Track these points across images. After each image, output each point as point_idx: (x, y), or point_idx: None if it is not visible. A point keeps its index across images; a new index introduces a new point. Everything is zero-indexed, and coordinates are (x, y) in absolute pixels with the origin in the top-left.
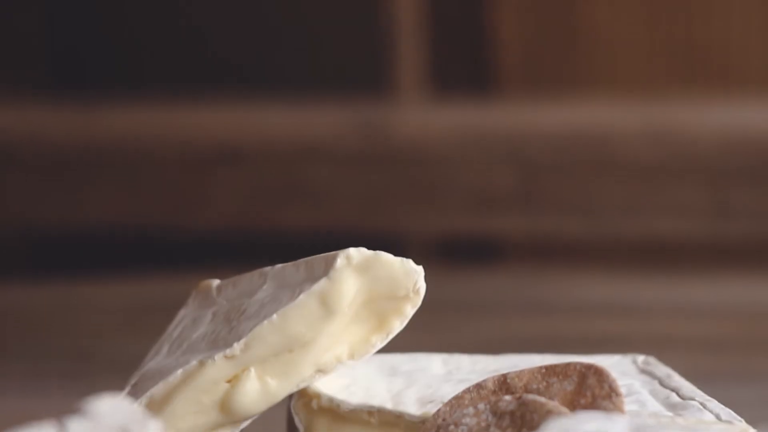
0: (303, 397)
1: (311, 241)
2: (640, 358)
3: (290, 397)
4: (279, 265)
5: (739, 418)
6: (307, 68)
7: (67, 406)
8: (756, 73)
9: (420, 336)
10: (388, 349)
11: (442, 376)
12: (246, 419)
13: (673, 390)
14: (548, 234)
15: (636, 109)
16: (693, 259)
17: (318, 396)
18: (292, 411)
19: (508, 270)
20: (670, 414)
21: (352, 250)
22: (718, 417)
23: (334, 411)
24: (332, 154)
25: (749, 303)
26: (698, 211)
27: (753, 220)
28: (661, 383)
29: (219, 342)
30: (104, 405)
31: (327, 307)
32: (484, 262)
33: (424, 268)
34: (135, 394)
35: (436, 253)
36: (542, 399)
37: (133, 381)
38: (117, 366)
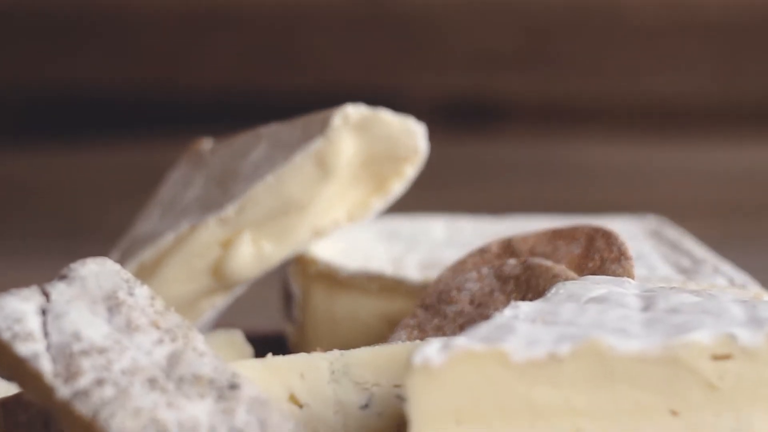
0: (299, 263)
1: (308, 103)
2: (651, 220)
3: (286, 264)
4: (274, 125)
5: (752, 281)
6: None
7: (52, 271)
8: None
9: (421, 199)
10: (388, 212)
11: (444, 240)
12: (239, 285)
13: (684, 254)
14: (555, 96)
15: None
16: (704, 122)
17: (315, 262)
18: (289, 278)
19: (513, 133)
20: (682, 278)
21: (349, 108)
22: (731, 281)
23: (331, 277)
24: (332, 14)
25: (762, 166)
26: (709, 73)
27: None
28: (672, 247)
29: (212, 205)
30: (90, 270)
31: (323, 167)
32: (489, 124)
33: (425, 130)
34: (124, 259)
35: (438, 116)
36: (548, 262)
37: (122, 246)
38: (105, 230)
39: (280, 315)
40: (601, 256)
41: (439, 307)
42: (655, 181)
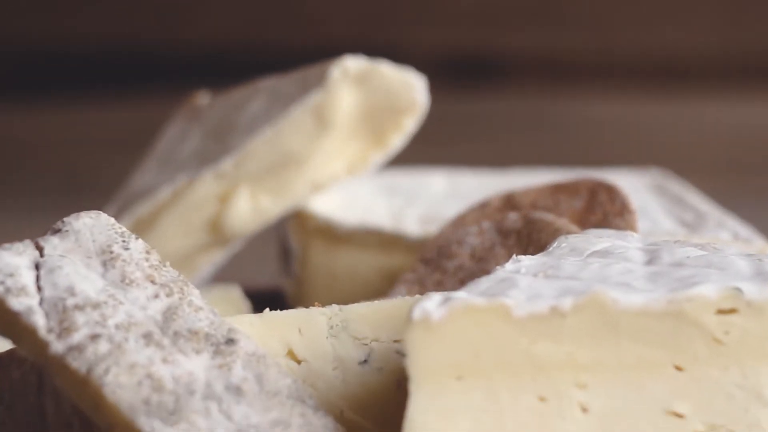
0: (298, 218)
1: (307, 58)
2: (654, 174)
3: (284, 219)
4: (272, 78)
5: (758, 235)
6: None
7: (47, 226)
8: None
9: (422, 155)
10: (387, 166)
11: (444, 194)
12: (236, 239)
13: (688, 208)
14: (556, 51)
15: None
16: (708, 76)
17: (314, 217)
18: (287, 233)
19: (515, 88)
20: (685, 232)
21: (348, 60)
22: (736, 235)
23: (330, 232)
24: None
25: (766, 121)
26: (713, 27)
27: None
28: (676, 201)
29: (209, 159)
30: (84, 224)
31: (322, 120)
32: (490, 80)
33: (425, 83)
34: (120, 214)
35: (440, 72)
36: (550, 216)
37: (117, 201)
38: (101, 185)
39: (278, 271)
40: (603, 210)
41: (439, 261)
42: (658, 135)
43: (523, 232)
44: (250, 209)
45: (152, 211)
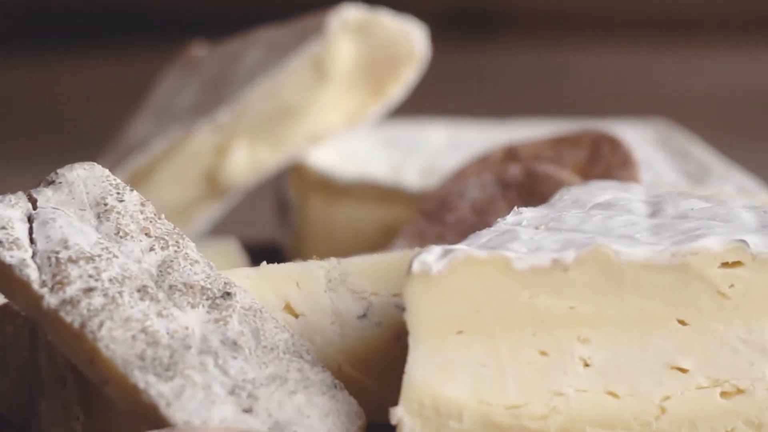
0: (297, 172)
1: (305, 6)
2: (658, 125)
3: (282, 173)
4: (269, 28)
5: (763, 188)
6: None
7: (39, 177)
8: None
9: (421, 106)
10: (387, 119)
11: (445, 147)
12: (233, 193)
13: (692, 160)
14: (558, 3)
15: None
16: (714, 28)
17: (312, 171)
18: (285, 187)
19: (517, 40)
20: (690, 185)
21: (347, 9)
22: (740, 188)
23: (329, 186)
24: None
25: None
26: None
27: None
28: (680, 153)
29: (206, 110)
30: (77, 175)
31: (320, 71)
32: (492, 32)
33: (426, 32)
34: (115, 166)
35: (440, 24)
36: (552, 169)
37: (112, 152)
38: (95, 136)
39: (276, 225)
40: (606, 162)
41: (439, 214)
42: (662, 87)
43: (524, 184)
44: (248, 161)
45: (148, 163)
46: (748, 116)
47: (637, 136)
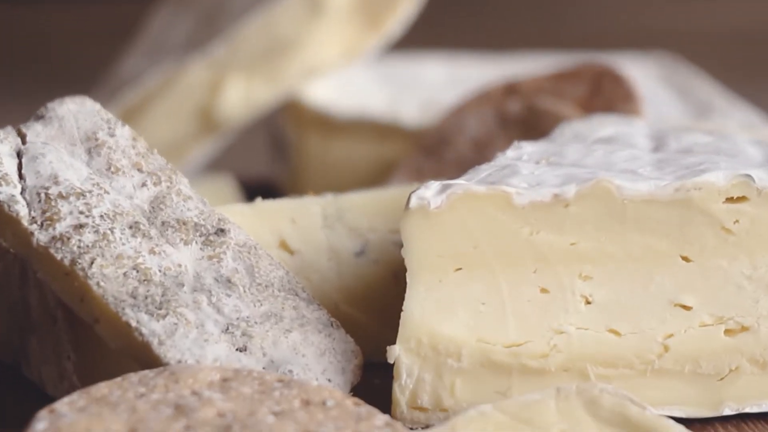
0: (292, 109)
1: None
2: (663, 60)
3: (278, 110)
4: None
5: (765, 123)
6: None
7: (29, 111)
8: None
9: (420, 39)
10: (385, 54)
11: (443, 82)
12: (228, 128)
13: (696, 95)
14: None
15: None
16: None
17: (309, 107)
18: (281, 124)
19: None
20: (693, 119)
21: None
22: (745, 122)
23: (325, 122)
24: None
25: None
26: None
27: None
28: (684, 87)
29: (200, 44)
30: (68, 110)
31: (315, 4)
32: None
33: None
34: (107, 100)
35: None
36: (553, 105)
37: (104, 87)
38: (86, 70)
39: (272, 163)
40: (608, 96)
41: (438, 150)
42: (667, 21)
43: (525, 120)
44: (242, 96)
45: (141, 98)
46: (754, 51)
47: (640, 71)
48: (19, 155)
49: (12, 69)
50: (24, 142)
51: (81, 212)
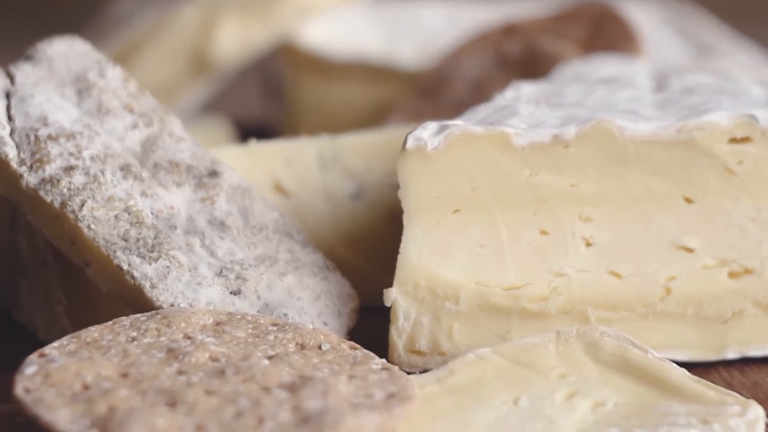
0: (288, 51)
1: None
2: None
3: (273, 53)
4: None
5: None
6: None
7: (18, 52)
8: None
9: None
10: None
11: (442, 24)
12: (221, 70)
13: (700, 36)
14: None
15: None
16: None
17: (305, 49)
18: (277, 67)
19: None
20: (696, 59)
21: None
22: (749, 62)
23: (321, 65)
24: None
25: None
26: None
27: None
28: (687, 26)
29: None
30: (58, 50)
31: None
32: None
33: None
34: (98, 41)
35: None
36: (553, 44)
37: (95, 27)
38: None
39: (266, 106)
40: (609, 37)
41: (436, 92)
42: None
43: (524, 61)
44: (236, 37)
45: (133, 39)
46: None
47: (643, 13)
48: (7, 96)
49: (0, 9)
50: (13, 83)
51: (71, 154)
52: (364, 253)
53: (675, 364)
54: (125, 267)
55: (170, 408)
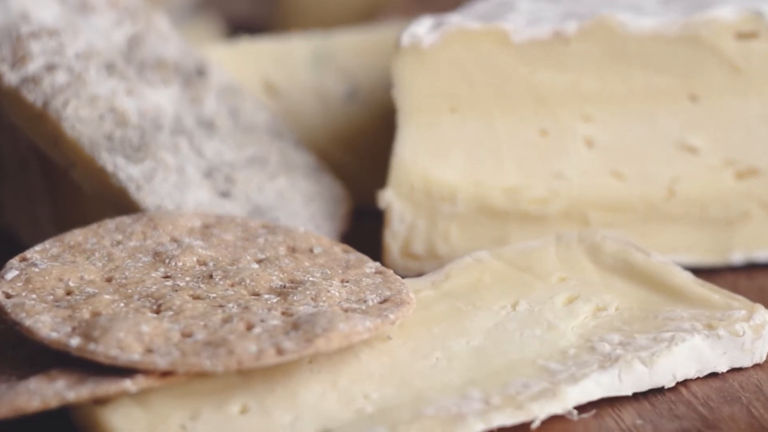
0: None
1: None
2: None
3: None
4: None
5: None
6: None
7: None
8: None
9: None
10: None
11: None
12: None
13: None
14: None
15: None
16: None
17: None
18: None
19: None
20: None
21: None
22: None
23: None
24: None
25: None
26: None
27: None
28: None
29: None
30: None
31: None
32: None
33: None
34: None
35: None
36: None
37: None
38: None
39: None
40: None
41: None
42: None
43: None
44: None
45: None
46: None
47: None
48: None
49: None
50: None
51: (54, 52)
52: (357, 155)
53: (679, 267)
54: (110, 168)
55: (156, 313)
